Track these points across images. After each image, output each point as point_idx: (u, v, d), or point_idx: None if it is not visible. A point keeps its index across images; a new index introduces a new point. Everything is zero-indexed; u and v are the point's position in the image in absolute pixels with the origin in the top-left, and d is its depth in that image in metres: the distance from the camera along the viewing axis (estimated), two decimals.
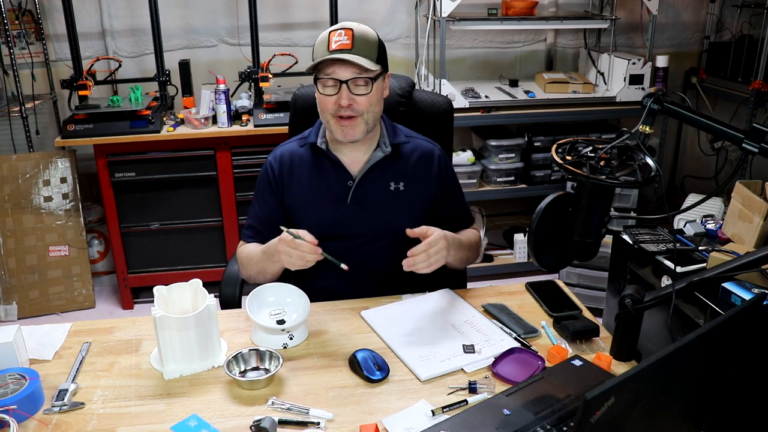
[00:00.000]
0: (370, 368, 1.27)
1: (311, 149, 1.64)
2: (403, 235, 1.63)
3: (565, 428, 1.09)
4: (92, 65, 3.08)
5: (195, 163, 3.03)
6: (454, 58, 3.64)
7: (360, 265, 1.61)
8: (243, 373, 1.29)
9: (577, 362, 1.28)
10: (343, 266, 1.42)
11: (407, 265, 1.43)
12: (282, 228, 1.44)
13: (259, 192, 1.68)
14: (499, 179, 3.36)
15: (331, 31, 1.50)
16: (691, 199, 2.60)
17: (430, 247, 1.43)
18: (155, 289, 1.33)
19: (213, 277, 2.13)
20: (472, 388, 1.22)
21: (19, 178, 3.10)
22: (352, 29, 1.49)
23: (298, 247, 1.41)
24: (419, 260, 1.42)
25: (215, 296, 1.35)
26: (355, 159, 1.62)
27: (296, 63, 3.15)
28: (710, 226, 2.06)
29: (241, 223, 3.15)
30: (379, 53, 1.52)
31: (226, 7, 3.37)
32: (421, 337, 1.40)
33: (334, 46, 1.47)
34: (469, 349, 1.35)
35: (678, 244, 2.00)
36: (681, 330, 1.72)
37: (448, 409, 1.17)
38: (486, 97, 3.25)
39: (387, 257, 1.63)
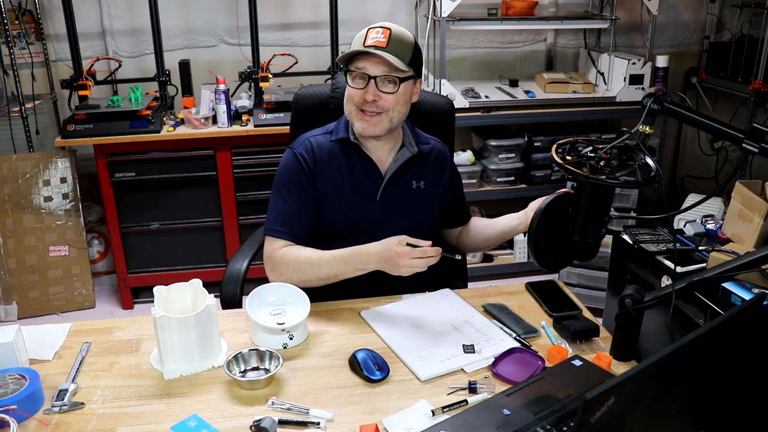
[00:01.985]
0: (370, 368, 1.27)
1: (340, 144, 1.63)
2: (421, 230, 1.65)
3: (565, 428, 1.09)
4: (92, 65, 3.08)
5: (195, 163, 3.03)
6: (454, 58, 3.64)
7: None
8: (243, 373, 1.29)
9: (577, 362, 1.28)
10: (458, 256, 1.45)
11: None
12: (403, 243, 1.42)
13: (289, 183, 1.61)
14: (499, 179, 3.37)
15: (369, 28, 1.52)
16: (691, 199, 2.60)
17: None
18: (155, 289, 1.32)
19: (213, 277, 2.13)
20: (472, 388, 1.22)
21: (19, 178, 3.10)
22: (390, 29, 1.51)
23: (425, 253, 1.40)
24: None
25: (215, 296, 1.35)
26: (381, 157, 1.64)
27: (296, 63, 3.15)
28: (710, 226, 2.06)
29: (241, 224, 3.15)
30: (414, 56, 1.54)
31: (226, 7, 3.37)
32: (421, 337, 1.40)
33: (369, 42, 1.49)
34: (469, 349, 1.35)
35: (678, 244, 2.00)
36: (681, 330, 1.72)
37: (448, 409, 1.17)
38: (486, 97, 3.25)
39: None
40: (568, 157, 1.26)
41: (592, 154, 1.25)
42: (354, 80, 1.52)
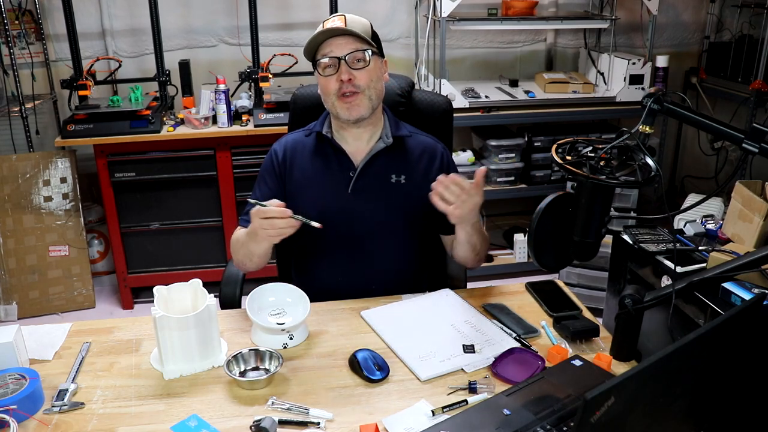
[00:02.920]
0: (370, 368, 1.27)
1: (316, 138, 1.65)
2: (400, 226, 1.64)
3: (565, 428, 1.09)
4: (92, 65, 3.08)
5: (195, 163, 3.03)
6: (454, 58, 3.64)
7: (360, 256, 1.63)
8: (243, 373, 1.29)
9: (577, 362, 1.28)
10: (314, 224, 1.38)
11: (437, 188, 1.37)
12: (250, 200, 1.41)
13: (261, 178, 1.69)
14: (499, 179, 3.36)
15: (324, 21, 1.55)
16: (691, 199, 2.60)
17: (471, 187, 1.38)
18: (155, 289, 1.33)
19: (213, 277, 2.13)
20: (472, 388, 1.22)
21: (19, 178, 3.10)
22: (344, 15, 1.54)
23: (267, 213, 1.36)
24: (453, 190, 1.37)
25: (215, 296, 1.35)
26: (358, 149, 1.63)
27: (296, 63, 3.15)
28: (710, 226, 2.06)
29: None
30: (373, 36, 1.56)
31: (226, 7, 3.37)
32: (421, 337, 1.40)
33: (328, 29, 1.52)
34: (469, 349, 1.35)
35: (678, 244, 2.00)
36: (681, 330, 1.72)
37: (448, 409, 1.17)
38: (486, 97, 3.25)
39: (387, 249, 1.64)
40: (568, 157, 1.26)
41: (592, 154, 1.25)
42: (324, 69, 1.53)
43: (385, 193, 1.63)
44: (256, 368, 1.30)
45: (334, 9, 3.09)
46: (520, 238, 3.41)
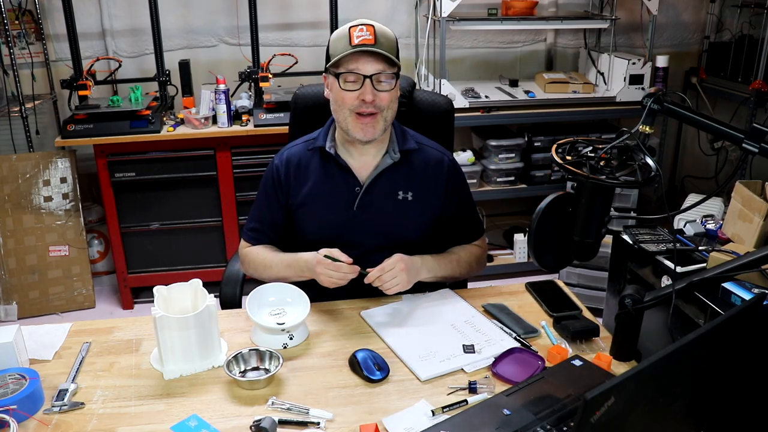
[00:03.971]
0: (370, 368, 1.27)
1: (319, 153, 1.61)
2: (407, 244, 1.60)
3: (565, 428, 1.09)
4: (92, 65, 3.08)
5: (195, 163, 3.03)
6: (454, 58, 3.64)
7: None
8: (243, 373, 1.29)
9: (577, 362, 1.28)
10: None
11: (373, 284, 1.48)
12: (323, 254, 1.47)
13: (263, 193, 1.66)
14: (499, 179, 3.36)
15: (351, 26, 1.48)
16: (691, 199, 2.60)
17: (383, 272, 1.47)
18: (155, 289, 1.33)
19: (213, 277, 2.13)
20: (472, 388, 1.22)
21: (19, 178, 3.10)
22: (373, 25, 1.47)
23: (339, 269, 1.45)
24: (384, 278, 1.47)
25: (215, 296, 1.35)
26: (364, 164, 1.60)
27: (296, 63, 3.15)
28: (710, 226, 2.06)
29: (241, 223, 3.15)
30: (397, 52, 1.52)
31: (226, 7, 3.37)
32: (421, 337, 1.41)
33: (356, 41, 1.45)
34: (469, 349, 1.35)
35: (678, 244, 2.00)
36: (681, 330, 1.72)
37: (448, 409, 1.17)
38: (486, 97, 3.25)
39: None
40: (568, 157, 1.26)
41: (592, 154, 1.25)
42: (346, 83, 1.48)
43: (391, 210, 1.60)
44: (256, 368, 1.30)
45: (334, 9, 3.09)
46: (520, 238, 3.41)
